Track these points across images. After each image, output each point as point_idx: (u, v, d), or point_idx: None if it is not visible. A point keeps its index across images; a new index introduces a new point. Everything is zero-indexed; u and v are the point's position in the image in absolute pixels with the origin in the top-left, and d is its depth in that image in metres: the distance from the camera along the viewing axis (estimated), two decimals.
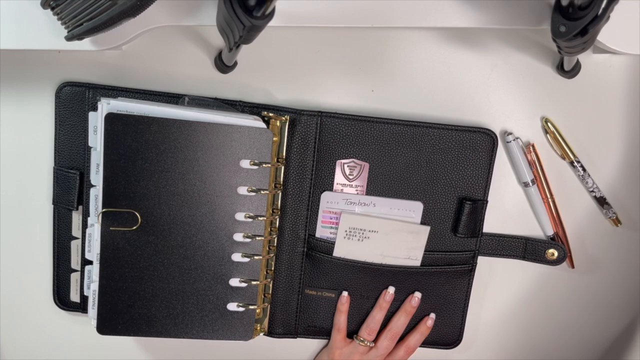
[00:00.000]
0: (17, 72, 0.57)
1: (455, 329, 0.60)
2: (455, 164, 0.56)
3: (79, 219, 0.58)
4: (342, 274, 0.58)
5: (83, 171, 0.56)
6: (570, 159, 0.57)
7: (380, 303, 0.59)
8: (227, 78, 0.57)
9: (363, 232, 0.57)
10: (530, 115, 0.57)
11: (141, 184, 0.52)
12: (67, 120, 0.56)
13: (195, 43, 0.56)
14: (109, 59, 0.57)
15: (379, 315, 0.59)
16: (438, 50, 0.56)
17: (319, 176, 0.57)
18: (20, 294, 0.61)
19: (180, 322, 0.55)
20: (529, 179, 0.57)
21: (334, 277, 0.58)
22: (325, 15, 0.48)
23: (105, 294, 0.53)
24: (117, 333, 0.54)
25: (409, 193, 0.57)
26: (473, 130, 0.55)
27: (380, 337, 0.59)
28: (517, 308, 0.61)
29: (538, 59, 0.56)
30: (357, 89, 0.57)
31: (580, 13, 0.38)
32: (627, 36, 0.47)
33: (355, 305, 0.59)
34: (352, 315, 0.60)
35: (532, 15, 0.47)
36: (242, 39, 0.41)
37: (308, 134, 0.56)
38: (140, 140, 0.51)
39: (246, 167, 0.53)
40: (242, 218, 0.54)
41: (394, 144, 0.56)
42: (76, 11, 0.43)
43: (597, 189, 0.57)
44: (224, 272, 0.54)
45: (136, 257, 0.53)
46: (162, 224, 0.53)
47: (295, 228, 0.58)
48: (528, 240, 0.58)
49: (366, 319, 0.60)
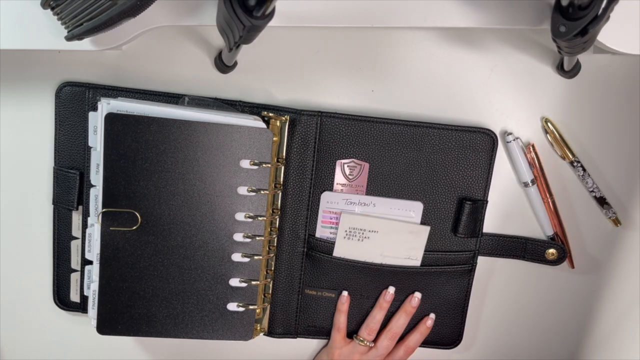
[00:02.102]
0: (17, 72, 0.57)
1: (455, 329, 0.60)
2: (455, 164, 0.56)
3: (79, 219, 0.58)
4: (342, 274, 0.58)
5: (83, 171, 0.56)
6: (570, 159, 0.57)
7: (380, 303, 0.59)
8: (227, 78, 0.57)
9: (363, 232, 0.57)
10: (530, 115, 0.57)
11: (141, 184, 0.52)
12: (67, 120, 0.56)
13: (195, 43, 0.56)
14: (109, 59, 0.57)
15: (379, 315, 0.59)
16: (438, 50, 0.56)
17: (319, 176, 0.57)
18: (20, 294, 0.61)
19: (180, 322, 0.55)
20: (529, 179, 0.57)
21: (334, 277, 0.58)
22: (325, 15, 0.48)
23: (105, 294, 0.53)
24: (117, 333, 0.54)
25: (409, 193, 0.57)
26: (473, 131, 0.55)
27: (380, 337, 0.59)
28: (517, 308, 0.61)
29: (538, 59, 0.56)
30: (357, 89, 0.57)
31: (580, 13, 0.38)
32: (627, 36, 0.47)
33: (355, 305, 0.59)
34: (352, 315, 0.60)
35: (532, 15, 0.47)
36: (242, 39, 0.41)
37: (308, 134, 0.56)
38: (140, 140, 0.51)
39: (246, 167, 0.53)
40: (242, 218, 0.54)
41: (394, 144, 0.56)
42: (76, 11, 0.43)
43: (597, 189, 0.57)
44: (224, 272, 0.54)
45: (136, 257, 0.53)
46: (162, 224, 0.53)
47: (295, 228, 0.58)
48: (528, 240, 0.58)
49: (366, 318, 0.60)
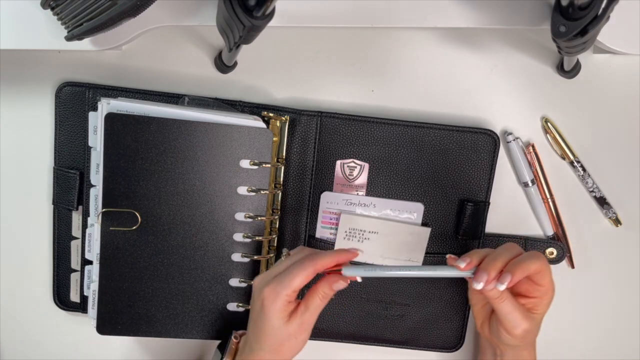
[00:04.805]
0: (17, 72, 0.57)
1: (457, 332, 0.60)
2: (456, 165, 0.56)
3: (79, 219, 0.58)
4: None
5: (83, 171, 0.56)
6: (570, 159, 0.57)
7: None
8: (227, 78, 0.57)
9: (363, 233, 0.57)
10: (530, 115, 0.57)
11: (141, 184, 0.52)
12: (67, 120, 0.56)
13: (195, 43, 0.56)
14: (109, 59, 0.56)
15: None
16: (438, 50, 0.56)
17: (319, 176, 0.57)
18: (20, 294, 0.61)
19: (180, 322, 0.55)
20: (529, 179, 0.57)
21: None
22: (325, 15, 0.48)
23: (105, 293, 0.53)
24: (117, 333, 0.54)
25: (410, 194, 0.57)
26: (475, 131, 0.55)
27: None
28: None
29: (538, 59, 0.56)
30: (357, 89, 0.57)
31: (580, 13, 0.38)
32: (627, 36, 0.47)
33: (355, 306, 0.59)
34: (352, 316, 0.59)
35: (532, 15, 0.47)
36: (242, 39, 0.41)
37: (308, 134, 0.56)
38: (140, 140, 0.51)
39: (246, 167, 0.53)
40: (242, 218, 0.54)
41: (395, 144, 0.56)
42: (76, 11, 0.43)
43: (597, 189, 0.57)
44: (224, 272, 0.54)
45: (136, 257, 0.53)
46: (162, 223, 0.53)
47: (295, 228, 0.58)
48: (527, 240, 0.58)
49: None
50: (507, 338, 0.48)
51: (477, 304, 0.53)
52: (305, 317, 0.47)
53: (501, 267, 0.45)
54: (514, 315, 0.46)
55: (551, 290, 0.48)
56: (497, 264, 0.45)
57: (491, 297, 0.46)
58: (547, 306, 0.48)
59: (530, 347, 0.51)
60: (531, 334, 0.49)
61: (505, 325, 0.47)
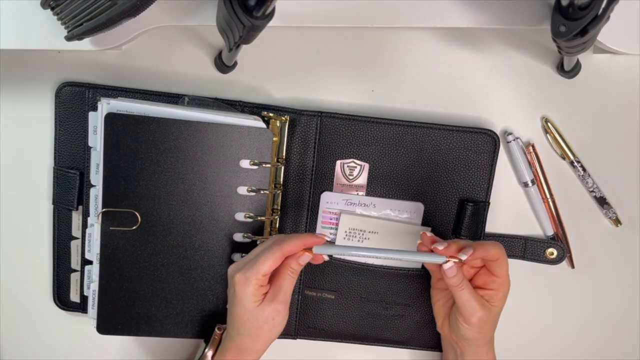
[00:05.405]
0: (17, 72, 0.57)
1: None
2: (456, 165, 0.56)
3: (79, 219, 0.58)
4: (341, 275, 0.58)
5: (83, 171, 0.56)
6: (570, 159, 0.57)
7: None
8: (227, 78, 0.57)
9: (363, 233, 0.57)
10: (530, 115, 0.57)
11: (141, 184, 0.52)
12: (67, 120, 0.56)
13: (195, 43, 0.56)
14: (109, 59, 0.57)
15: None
16: (438, 50, 0.56)
17: (319, 176, 0.57)
18: (20, 294, 0.61)
19: (180, 322, 0.55)
20: (528, 179, 0.57)
21: (334, 278, 0.58)
22: (325, 15, 0.48)
23: (105, 293, 0.53)
24: (117, 333, 0.54)
25: (410, 194, 0.57)
26: (474, 131, 0.55)
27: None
28: (517, 308, 0.61)
29: (538, 59, 0.56)
30: (357, 89, 0.57)
31: (580, 13, 0.38)
32: (627, 36, 0.47)
33: (355, 306, 0.59)
34: (352, 316, 0.59)
35: (532, 15, 0.47)
36: (242, 39, 0.41)
37: (308, 134, 0.56)
38: (140, 140, 0.51)
39: (246, 167, 0.53)
40: (242, 218, 0.54)
41: (395, 144, 0.56)
42: (76, 11, 0.43)
43: (597, 189, 0.57)
44: (224, 272, 0.54)
45: (136, 257, 0.53)
46: (162, 224, 0.53)
47: (295, 228, 0.58)
48: (527, 240, 0.58)
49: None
50: (465, 329, 0.50)
51: (437, 302, 0.55)
52: (279, 297, 0.49)
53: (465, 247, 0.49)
54: (472, 303, 0.49)
55: (507, 284, 0.50)
56: (462, 243, 0.49)
57: (452, 285, 0.49)
58: (503, 299, 0.51)
59: (488, 345, 0.53)
60: (487, 325, 0.51)
61: (463, 312, 0.49)
